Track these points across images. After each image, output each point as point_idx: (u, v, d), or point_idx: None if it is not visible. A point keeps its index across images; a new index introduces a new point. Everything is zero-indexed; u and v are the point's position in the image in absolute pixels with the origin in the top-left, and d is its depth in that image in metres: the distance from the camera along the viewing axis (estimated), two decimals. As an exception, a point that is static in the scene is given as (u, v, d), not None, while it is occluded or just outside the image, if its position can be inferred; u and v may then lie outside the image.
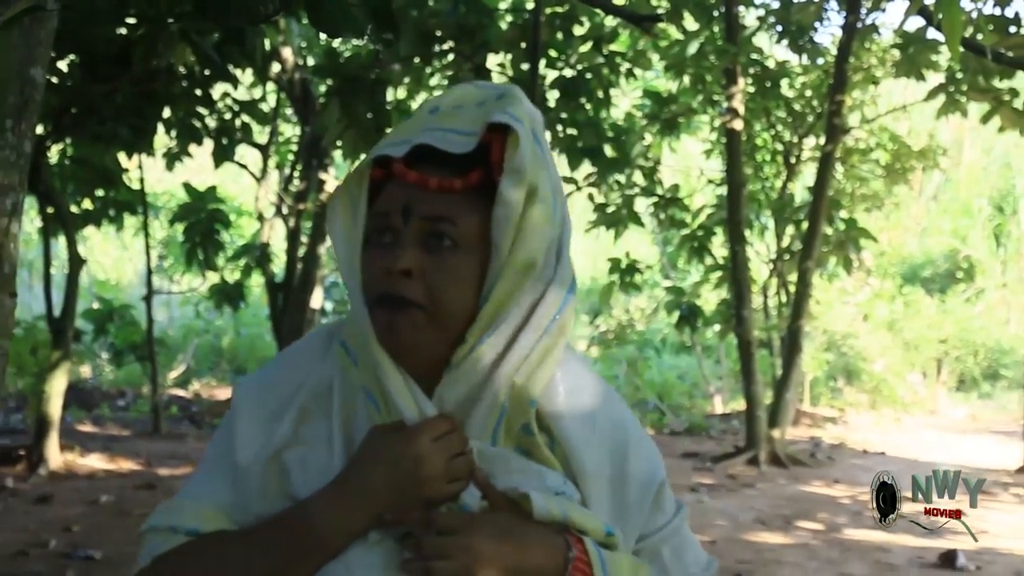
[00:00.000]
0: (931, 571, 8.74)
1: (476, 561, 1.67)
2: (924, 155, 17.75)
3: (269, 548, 1.70)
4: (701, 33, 13.98)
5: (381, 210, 1.77)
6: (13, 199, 4.46)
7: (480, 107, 1.80)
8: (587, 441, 1.86)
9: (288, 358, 1.92)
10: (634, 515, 1.87)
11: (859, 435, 16.19)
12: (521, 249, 1.78)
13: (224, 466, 1.80)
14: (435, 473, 1.70)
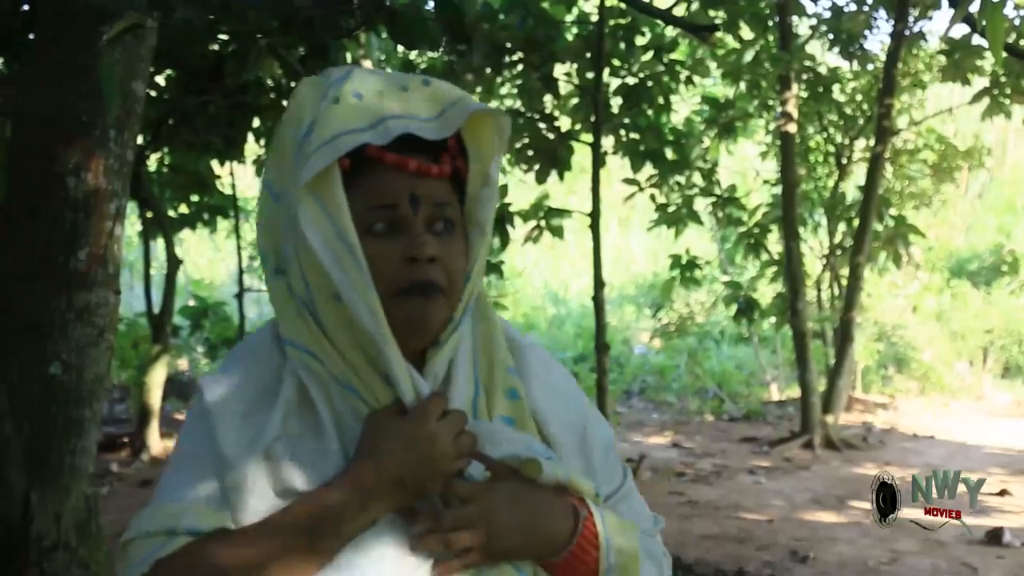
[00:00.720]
0: (978, 547, 8.69)
1: (495, 527, 1.66)
2: (970, 155, 17.62)
3: (287, 541, 1.61)
4: (756, 42, 13.92)
5: (384, 201, 1.69)
6: (117, 204, 4.51)
7: (412, 93, 1.73)
8: (556, 410, 1.87)
9: (243, 359, 1.83)
10: (599, 476, 1.86)
11: (909, 420, 16.07)
12: (491, 228, 1.83)
13: (206, 463, 1.69)
14: (445, 451, 1.66)
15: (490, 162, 1.79)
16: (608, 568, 1.73)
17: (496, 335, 1.87)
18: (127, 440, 11.44)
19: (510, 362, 1.86)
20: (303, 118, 1.70)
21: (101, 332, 4.48)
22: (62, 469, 4.39)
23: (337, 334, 1.69)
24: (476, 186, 1.80)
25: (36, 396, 4.33)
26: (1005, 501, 10.45)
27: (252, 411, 1.71)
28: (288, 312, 1.74)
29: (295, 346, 1.72)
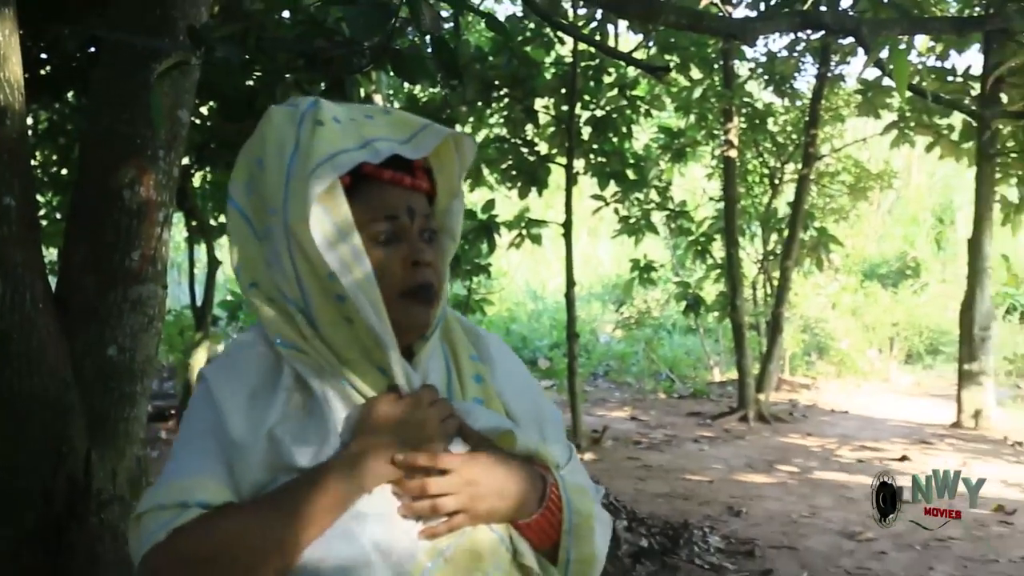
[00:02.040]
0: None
1: (476, 493, 1.62)
2: (880, 177, 17.69)
3: (295, 512, 1.55)
4: (704, 81, 13.95)
5: (388, 213, 1.66)
6: (164, 212, 4.51)
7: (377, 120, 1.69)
8: (515, 391, 1.84)
9: (241, 352, 1.74)
10: (552, 448, 1.81)
11: (827, 398, 16.10)
12: (459, 234, 1.82)
13: (213, 444, 1.62)
14: (434, 433, 1.63)
15: (454, 178, 1.78)
16: (570, 528, 1.71)
17: (454, 326, 1.86)
18: (173, 412, 11.44)
19: (472, 350, 1.85)
20: (284, 141, 1.65)
21: (151, 320, 4.48)
22: (117, 434, 4.39)
23: (333, 332, 1.64)
24: (446, 199, 1.79)
25: (96, 373, 4.33)
26: (905, 465, 10.48)
27: (255, 397, 1.65)
28: (271, 317, 1.68)
29: (285, 345, 1.67)
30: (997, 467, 10.44)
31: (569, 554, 1.71)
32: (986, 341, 13.15)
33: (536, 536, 1.70)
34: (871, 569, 6.86)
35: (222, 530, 1.55)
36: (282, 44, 4.88)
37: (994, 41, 11.31)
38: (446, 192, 1.79)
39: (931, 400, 15.65)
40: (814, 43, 12.67)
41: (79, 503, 4.16)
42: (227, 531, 1.55)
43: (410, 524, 1.60)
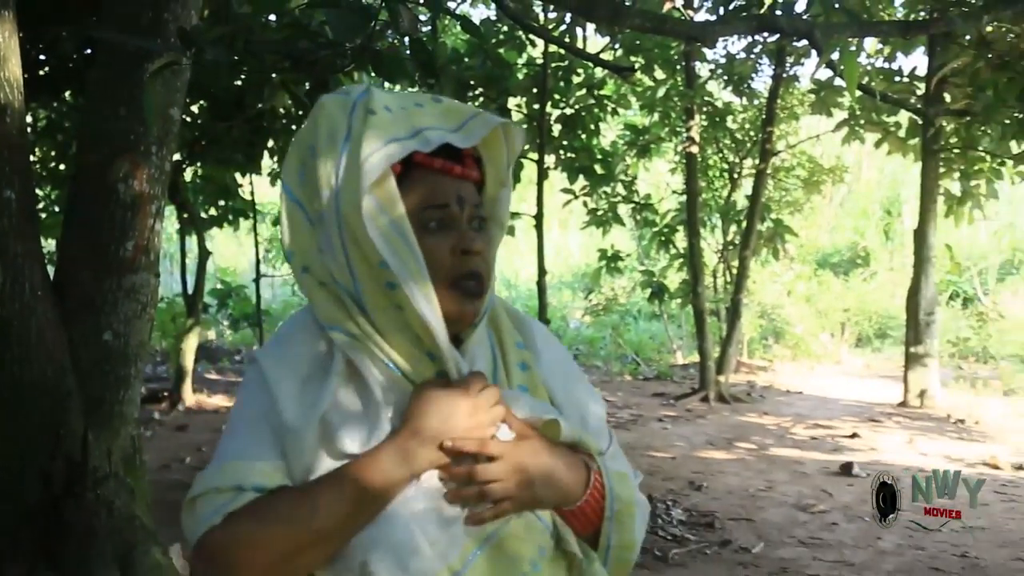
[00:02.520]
0: (834, 477, 8.79)
1: (522, 480, 1.55)
2: (833, 172, 17.76)
3: (344, 496, 1.49)
4: (667, 81, 13.99)
5: (438, 202, 1.57)
6: (157, 205, 4.50)
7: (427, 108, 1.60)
8: (559, 379, 1.76)
9: (293, 336, 1.66)
10: (595, 436, 1.72)
11: (783, 380, 16.17)
12: (507, 222, 1.74)
13: (266, 427, 1.55)
14: (482, 420, 1.54)
15: (503, 167, 1.70)
16: (612, 514, 1.65)
17: (501, 313, 1.77)
18: (166, 394, 11.39)
19: (517, 337, 1.76)
20: (336, 129, 1.56)
21: (144, 307, 4.47)
22: (112, 415, 4.38)
23: (384, 318, 1.56)
24: (495, 188, 1.71)
25: (92, 358, 4.32)
26: (855, 442, 10.54)
27: (308, 381, 1.57)
28: (323, 302, 1.60)
29: (335, 329, 1.58)
30: (941, 443, 10.52)
31: (610, 540, 1.66)
32: (931, 325, 13.25)
33: (579, 523, 1.65)
34: (823, 539, 6.90)
35: (276, 514, 1.50)
36: (268, 46, 4.85)
37: (938, 44, 11.37)
38: (495, 181, 1.71)
39: (880, 381, 15.74)
40: (770, 45, 12.71)
41: (76, 482, 4.14)
42: (281, 515, 1.50)
43: (456, 510, 1.54)
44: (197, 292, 11.33)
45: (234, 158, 9.74)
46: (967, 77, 9.45)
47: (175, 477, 7.79)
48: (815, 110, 13.58)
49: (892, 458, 9.61)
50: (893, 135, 13.20)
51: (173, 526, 5.88)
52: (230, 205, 12.08)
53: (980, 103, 9.07)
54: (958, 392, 14.29)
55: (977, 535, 6.92)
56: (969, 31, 8.61)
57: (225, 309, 15.53)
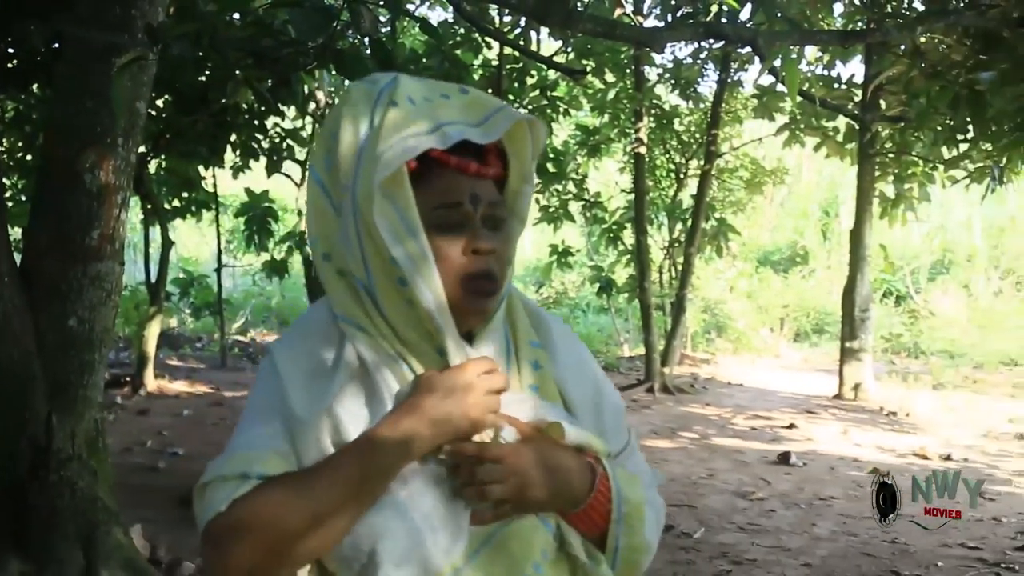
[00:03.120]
0: (772, 466, 8.87)
1: (524, 482, 1.50)
2: (774, 174, 17.92)
3: (341, 477, 1.45)
4: (617, 84, 14.04)
5: (451, 200, 1.51)
6: (122, 195, 4.47)
7: (453, 100, 1.56)
8: (574, 378, 1.69)
9: (307, 329, 1.62)
10: (609, 437, 1.67)
11: (725, 372, 16.28)
12: (528, 216, 1.67)
13: (276, 418, 1.52)
14: (479, 401, 1.49)
15: (527, 161, 1.62)
16: (619, 517, 1.60)
17: (518, 308, 1.69)
18: (129, 379, 11.32)
19: (533, 336, 1.68)
20: (360, 120, 1.52)
21: (109, 294, 4.45)
22: (77, 399, 4.35)
23: (395, 313, 1.52)
24: (517, 182, 1.63)
25: (57, 343, 4.29)
26: (792, 432, 10.65)
27: (317, 374, 1.54)
28: (339, 292, 1.57)
29: (347, 322, 1.55)
30: (873, 435, 10.64)
31: (618, 542, 1.61)
32: (865, 322, 13.39)
33: (584, 525, 1.59)
34: (761, 525, 6.97)
35: (275, 499, 1.45)
36: (233, 43, 4.83)
37: (874, 53, 11.46)
38: (518, 175, 1.63)
39: (816, 374, 15.88)
40: (716, 52, 12.78)
41: (40, 464, 4.12)
42: (280, 499, 1.45)
43: (460, 507, 1.50)
44: (160, 281, 11.28)
45: (198, 151, 9.67)
46: (901, 85, 9.52)
47: (136, 460, 7.76)
48: (758, 114, 13.70)
49: (827, 448, 9.73)
50: (831, 139, 13.33)
51: (135, 507, 5.85)
52: (193, 197, 12.01)
53: (913, 110, 9.17)
54: (890, 386, 14.45)
55: (908, 523, 7.01)
56: (904, 41, 8.69)
57: (187, 298, 15.42)
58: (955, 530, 6.65)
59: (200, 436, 8.74)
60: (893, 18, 9.00)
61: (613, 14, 9.12)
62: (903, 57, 9.40)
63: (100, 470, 4.46)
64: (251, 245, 13.12)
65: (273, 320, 19.65)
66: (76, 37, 4.44)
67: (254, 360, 15.22)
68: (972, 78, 6.63)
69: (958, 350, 18.27)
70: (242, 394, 11.37)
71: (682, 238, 15.61)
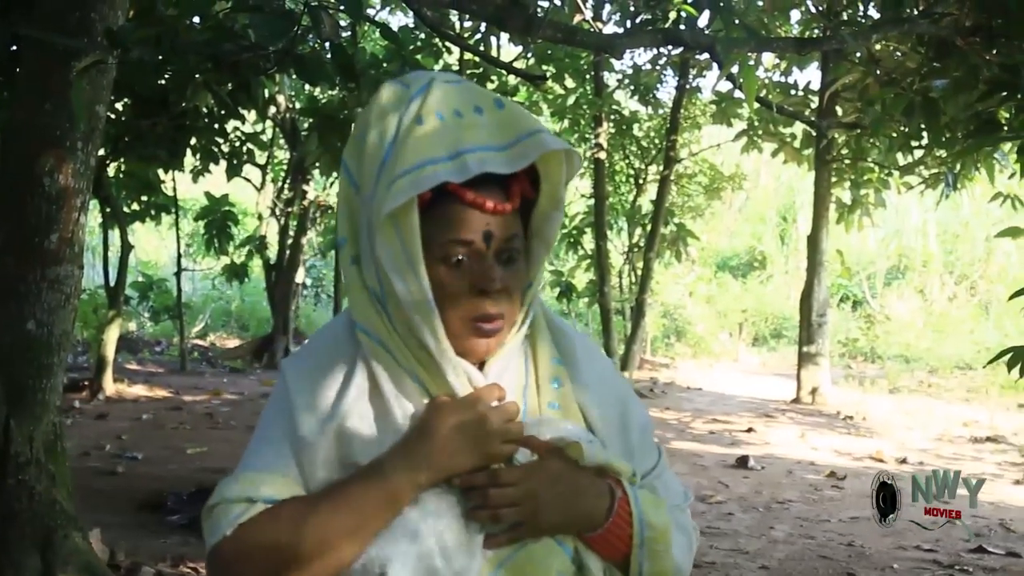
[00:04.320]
0: (731, 469, 8.93)
1: (539, 506, 1.45)
2: (732, 179, 18.02)
3: (349, 505, 1.41)
4: (577, 90, 14.10)
5: (462, 237, 1.43)
6: (82, 199, 4.46)
7: (487, 117, 1.46)
8: (598, 396, 1.60)
9: (321, 346, 1.58)
10: (636, 456, 1.59)
11: (684, 376, 16.36)
12: (555, 240, 1.60)
13: (284, 440, 1.48)
14: (493, 431, 1.44)
15: (559, 187, 1.52)
16: (641, 541, 1.52)
17: (541, 326, 1.60)
18: (87, 383, 11.24)
19: (554, 352, 1.60)
20: (387, 130, 1.44)
21: (67, 298, 4.43)
22: (35, 402, 4.33)
23: (405, 332, 1.47)
24: (547, 207, 1.54)
25: (16, 346, 4.27)
26: (750, 436, 10.73)
27: (327, 391, 1.49)
28: (360, 300, 1.50)
29: (366, 333, 1.49)
30: (830, 438, 10.74)
31: (641, 567, 1.53)
32: (822, 326, 13.51)
33: (605, 550, 1.52)
34: (719, 528, 7.00)
35: (283, 523, 1.42)
36: (193, 47, 4.83)
37: (831, 60, 11.58)
38: (549, 200, 1.54)
39: (775, 378, 15.98)
40: (674, 58, 12.87)
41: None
42: (288, 524, 1.42)
43: (475, 529, 1.45)
44: (119, 284, 11.22)
45: (157, 155, 9.64)
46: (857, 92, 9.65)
47: (95, 464, 7.70)
48: (716, 120, 13.78)
49: (785, 452, 9.81)
50: (789, 145, 13.43)
51: (93, 511, 5.81)
52: (152, 200, 11.97)
53: (868, 117, 9.27)
54: (847, 390, 14.58)
55: (863, 525, 7.08)
56: (859, 49, 8.80)
57: (146, 301, 15.37)
58: (910, 532, 6.72)
59: (159, 440, 8.69)
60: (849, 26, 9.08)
61: (573, 20, 9.17)
62: (858, 64, 9.52)
63: (59, 474, 4.44)
64: (211, 249, 13.09)
65: (233, 324, 19.58)
66: (35, 40, 4.42)
67: (213, 364, 15.16)
68: (926, 85, 6.71)
69: (913, 354, 18.47)
70: (201, 398, 11.33)
71: (641, 243, 15.68)
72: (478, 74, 11.52)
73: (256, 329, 18.40)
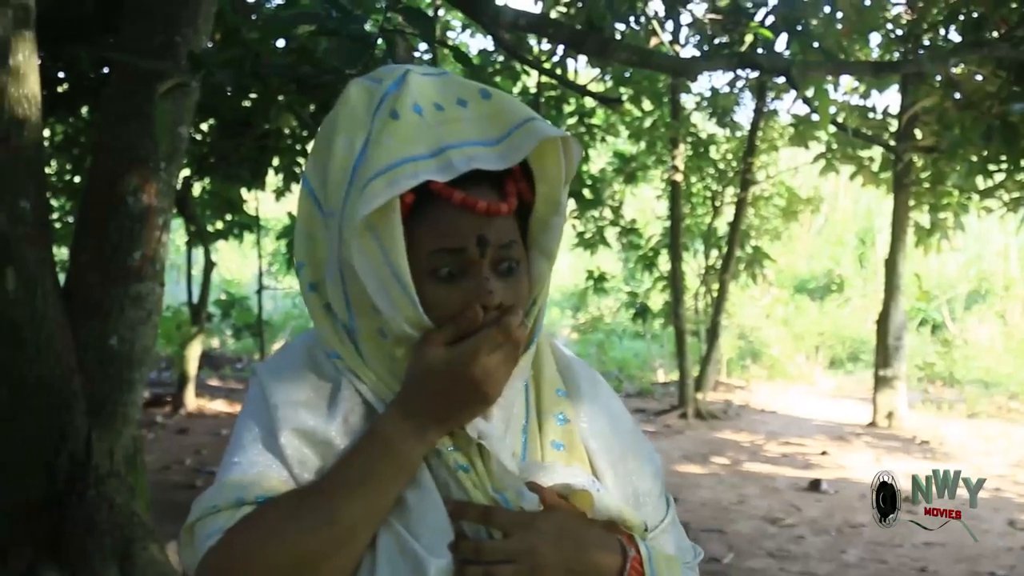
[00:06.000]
0: (803, 492, 8.82)
1: (539, 562, 1.25)
2: (810, 202, 17.82)
3: (359, 482, 1.23)
4: (654, 112, 14.06)
5: (453, 245, 1.23)
6: (164, 218, 4.54)
7: (471, 109, 1.26)
8: (605, 435, 1.43)
9: (299, 356, 1.37)
10: (645, 506, 1.43)
11: (759, 399, 16.18)
12: (558, 252, 1.38)
13: (269, 439, 1.29)
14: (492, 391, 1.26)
15: (558, 186, 1.32)
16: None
17: (546, 355, 1.43)
18: (170, 399, 11.42)
19: (559, 384, 1.42)
20: (355, 131, 1.24)
21: (149, 314, 4.51)
22: (116, 416, 4.41)
23: (378, 364, 1.30)
24: (545, 212, 1.34)
25: (98, 361, 4.35)
26: (824, 459, 10.57)
27: (311, 403, 1.31)
28: (324, 328, 1.33)
29: (338, 359, 1.32)
30: (906, 463, 10.55)
31: None
32: (899, 350, 13.29)
33: None
34: (790, 551, 6.93)
35: (283, 516, 1.23)
36: (274, 70, 4.90)
37: (910, 83, 11.45)
38: (546, 201, 1.33)
39: (850, 402, 15.76)
40: (752, 81, 12.77)
41: (79, 479, 4.17)
42: (289, 516, 1.23)
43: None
44: (202, 302, 11.39)
45: (241, 175, 9.80)
46: (936, 115, 9.52)
47: (175, 478, 7.83)
48: (793, 143, 13.66)
49: (859, 475, 9.64)
50: (867, 169, 13.26)
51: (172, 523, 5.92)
52: (236, 219, 12.13)
53: (947, 140, 9.14)
54: (924, 414, 14.33)
55: (936, 550, 6.95)
56: (938, 72, 8.69)
57: (228, 319, 15.52)
58: (984, 558, 6.59)
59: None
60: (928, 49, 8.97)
61: (649, 44, 9.16)
62: (938, 88, 9.39)
63: (138, 487, 4.51)
64: (291, 267, 13.21)
65: (311, 342, 19.77)
66: (121, 63, 4.52)
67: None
68: (1005, 109, 6.61)
69: (993, 379, 18.09)
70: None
71: (718, 265, 15.56)
72: (555, 96, 11.55)
73: (335, 346, 18.55)
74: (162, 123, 4.16)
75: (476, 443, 1.30)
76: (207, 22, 4.59)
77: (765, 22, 7.14)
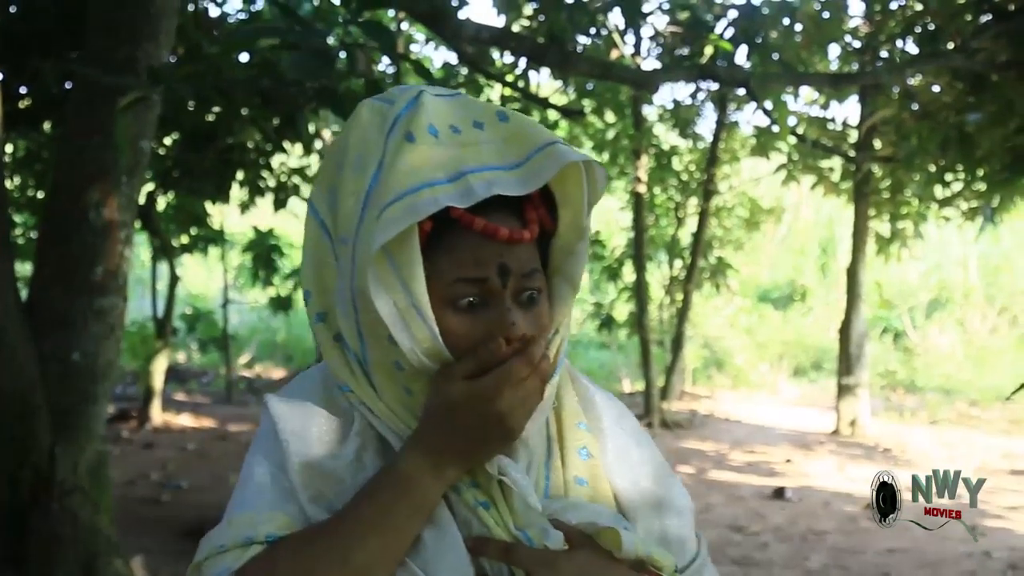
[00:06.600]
0: (768, 501, 8.86)
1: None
2: (772, 212, 17.96)
3: (373, 522, 1.18)
4: (617, 124, 14.12)
5: (473, 275, 1.18)
6: (126, 232, 4.53)
7: (488, 131, 1.20)
8: (630, 469, 1.36)
9: (310, 387, 1.32)
10: (674, 544, 1.33)
11: (723, 408, 16.24)
12: (581, 280, 1.31)
13: (281, 477, 1.24)
14: (517, 425, 1.20)
15: (581, 212, 1.26)
16: None
17: (567, 386, 1.37)
18: (135, 413, 11.36)
19: (581, 417, 1.36)
20: (368, 154, 1.18)
21: (112, 328, 4.49)
22: (79, 430, 4.39)
23: (392, 399, 1.24)
24: (569, 238, 1.28)
25: (62, 375, 4.34)
26: (788, 467, 10.63)
27: (324, 437, 1.26)
28: (334, 358, 1.27)
29: (349, 391, 1.26)
30: (870, 470, 10.61)
31: None
32: (861, 358, 13.38)
33: None
34: (755, 559, 6.96)
35: (294, 557, 1.17)
36: (235, 84, 4.90)
37: (868, 94, 11.56)
38: (570, 227, 1.28)
39: (814, 410, 15.85)
40: (713, 93, 12.86)
41: (43, 492, 4.15)
42: (300, 556, 1.17)
43: None
44: (167, 316, 11.35)
45: (205, 188, 9.77)
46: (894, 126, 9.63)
47: (141, 492, 7.79)
48: (755, 153, 13.75)
49: (822, 483, 9.72)
50: (827, 179, 13.38)
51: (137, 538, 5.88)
52: (200, 233, 12.10)
53: (905, 150, 9.25)
54: (887, 421, 14.43)
55: (899, 556, 7.00)
56: (895, 83, 8.79)
57: (194, 333, 15.47)
58: (946, 564, 6.64)
59: (204, 470, 8.77)
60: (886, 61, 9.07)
61: (610, 56, 9.21)
62: (895, 99, 9.50)
63: (102, 501, 4.49)
64: (257, 281, 13.19)
65: (278, 355, 19.70)
66: (83, 77, 4.51)
67: (259, 395, 15.25)
68: (961, 119, 6.70)
69: (953, 386, 18.24)
70: (248, 428, 11.40)
71: (681, 275, 15.64)
72: (518, 109, 11.59)
73: (301, 360, 18.48)
74: (123, 137, 4.16)
75: (497, 479, 1.24)
76: (169, 37, 4.59)
77: (725, 34, 7.22)
